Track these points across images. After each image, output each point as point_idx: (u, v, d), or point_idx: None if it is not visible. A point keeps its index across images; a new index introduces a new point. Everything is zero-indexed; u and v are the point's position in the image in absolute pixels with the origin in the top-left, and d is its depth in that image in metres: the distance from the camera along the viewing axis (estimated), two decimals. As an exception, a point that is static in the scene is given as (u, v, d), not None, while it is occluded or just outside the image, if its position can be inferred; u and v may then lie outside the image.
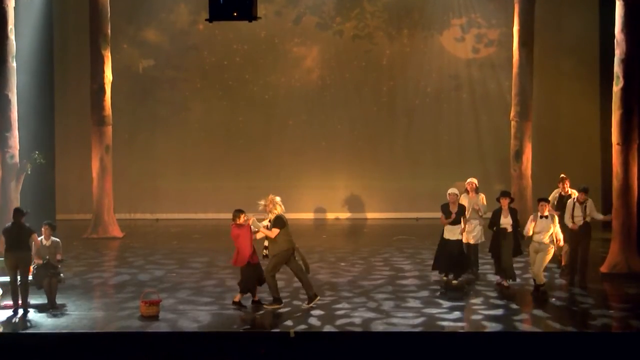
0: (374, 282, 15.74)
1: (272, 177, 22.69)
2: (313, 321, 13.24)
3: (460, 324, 13.18)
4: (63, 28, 23.01)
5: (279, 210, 13.93)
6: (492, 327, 12.91)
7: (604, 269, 16.41)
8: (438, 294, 14.90)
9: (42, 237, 14.28)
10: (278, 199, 14.00)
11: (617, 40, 16.52)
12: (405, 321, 13.17)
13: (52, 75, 22.26)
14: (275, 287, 14.00)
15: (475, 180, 16.20)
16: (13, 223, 14.14)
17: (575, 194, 15.67)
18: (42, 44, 21.02)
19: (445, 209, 15.48)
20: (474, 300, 14.47)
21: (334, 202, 23.66)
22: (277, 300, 14.02)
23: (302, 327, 12.91)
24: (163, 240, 20.49)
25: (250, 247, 13.94)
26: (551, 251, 14.70)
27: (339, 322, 13.17)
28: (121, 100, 22.35)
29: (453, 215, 15.37)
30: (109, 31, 20.82)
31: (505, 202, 15.14)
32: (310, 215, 23.47)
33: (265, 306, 14.00)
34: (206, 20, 14.70)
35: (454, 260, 15.50)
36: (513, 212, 15.18)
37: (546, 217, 14.64)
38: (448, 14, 23.31)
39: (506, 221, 15.07)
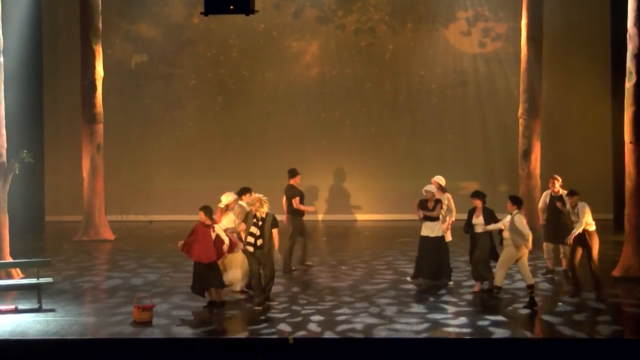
0: (376, 287, 15.57)
1: (270, 177, 22.46)
2: (313, 327, 13.06)
3: (465, 329, 12.95)
4: (53, 22, 22.99)
5: (266, 208, 13.96)
6: (499, 333, 12.70)
7: (616, 272, 16.05)
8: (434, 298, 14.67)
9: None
10: (264, 197, 14.05)
11: (629, 35, 16.16)
12: (409, 327, 13.00)
13: (41, 71, 22.22)
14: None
15: (439, 179, 15.99)
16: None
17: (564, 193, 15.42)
18: (30, 38, 20.96)
19: (423, 204, 15.51)
20: (479, 306, 14.26)
21: (334, 203, 23.53)
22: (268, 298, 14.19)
23: (301, 333, 12.76)
24: (156, 242, 20.35)
25: (208, 245, 13.92)
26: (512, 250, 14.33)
27: (340, 327, 12.99)
28: (113, 97, 22.20)
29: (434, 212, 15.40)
30: (101, 25, 20.64)
31: (477, 203, 14.94)
32: (309, 216, 23.24)
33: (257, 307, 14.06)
34: (202, 13, 14.65)
35: (442, 259, 15.40)
36: (487, 212, 14.86)
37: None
38: (454, 6, 23.26)
39: (477, 221, 14.87)
